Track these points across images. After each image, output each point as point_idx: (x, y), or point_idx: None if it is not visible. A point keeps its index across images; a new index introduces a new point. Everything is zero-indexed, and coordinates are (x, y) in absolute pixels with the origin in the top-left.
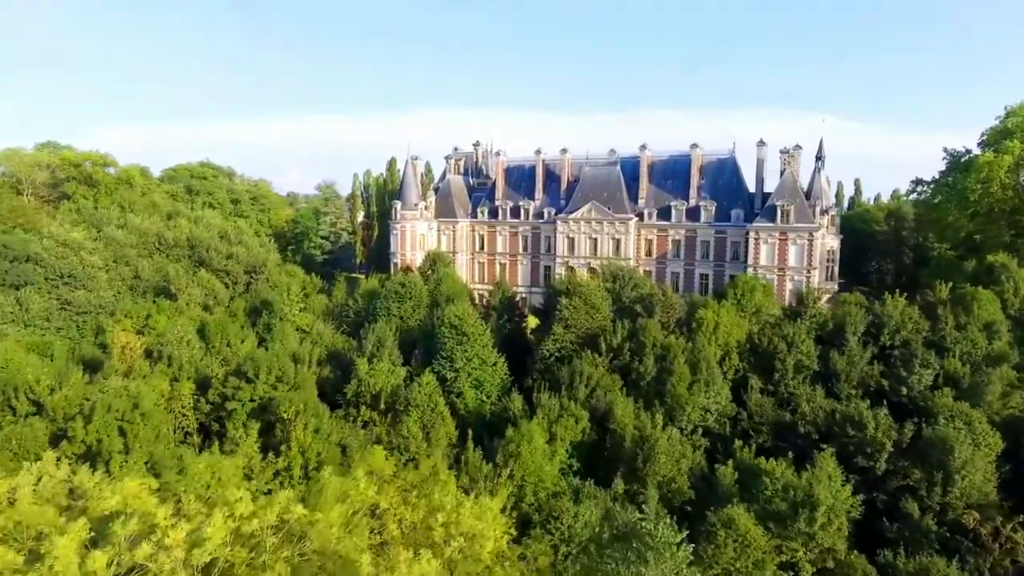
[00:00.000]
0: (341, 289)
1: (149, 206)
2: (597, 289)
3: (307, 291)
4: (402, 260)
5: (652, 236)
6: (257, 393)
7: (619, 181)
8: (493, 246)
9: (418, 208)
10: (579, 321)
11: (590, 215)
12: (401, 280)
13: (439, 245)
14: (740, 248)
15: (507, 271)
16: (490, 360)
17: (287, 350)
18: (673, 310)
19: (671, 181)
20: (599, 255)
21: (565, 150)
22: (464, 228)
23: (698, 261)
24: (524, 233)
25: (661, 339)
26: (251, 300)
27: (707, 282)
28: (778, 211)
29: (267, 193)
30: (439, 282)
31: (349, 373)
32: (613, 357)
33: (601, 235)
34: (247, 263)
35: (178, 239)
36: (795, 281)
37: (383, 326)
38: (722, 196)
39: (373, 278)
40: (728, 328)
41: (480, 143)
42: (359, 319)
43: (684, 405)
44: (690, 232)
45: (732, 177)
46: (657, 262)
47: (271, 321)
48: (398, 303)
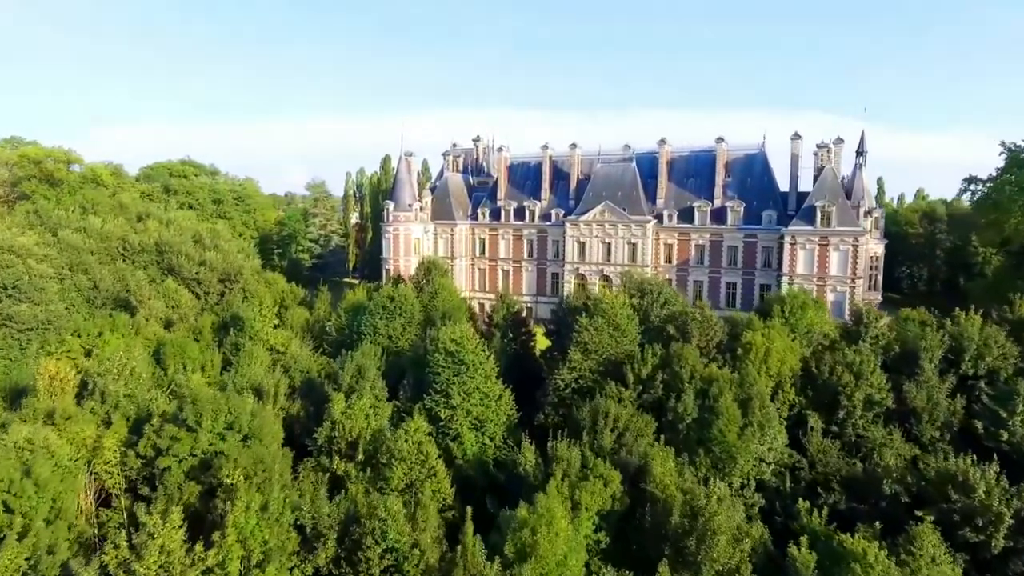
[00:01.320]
0: (324, 301)
1: (116, 207)
2: (622, 307)
3: (286, 303)
4: (394, 267)
5: (672, 240)
6: (199, 446)
7: (635, 179)
8: (495, 251)
9: (412, 209)
10: (601, 345)
11: (603, 217)
12: (389, 293)
13: (436, 250)
14: (772, 254)
15: (510, 278)
16: (494, 393)
17: (251, 379)
18: (713, 332)
19: (693, 179)
20: (613, 261)
21: (575, 145)
22: (463, 231)
23: (724, 268)
24: (529, 237)
25: (701, 369)
26: (223, 314)
27: (734, 292)
28: (818, 213)
29: (253, 193)
30: (434, 295)
31: (324, 409)
32: (643, 390)
33: (615, 239)
34: (222, 270)
35: (145, 244)
36: (837, 292)
37: (365, 351)
38: (751, 196)
39: (360, 288)
40: (781, 354)
41: (480, 138)
42: (342, 338)
43: (735, 455)
44: (715, 236)
45: (762, 175)
46: (678, 269)
47: (240, 340)
48: (386, 320)
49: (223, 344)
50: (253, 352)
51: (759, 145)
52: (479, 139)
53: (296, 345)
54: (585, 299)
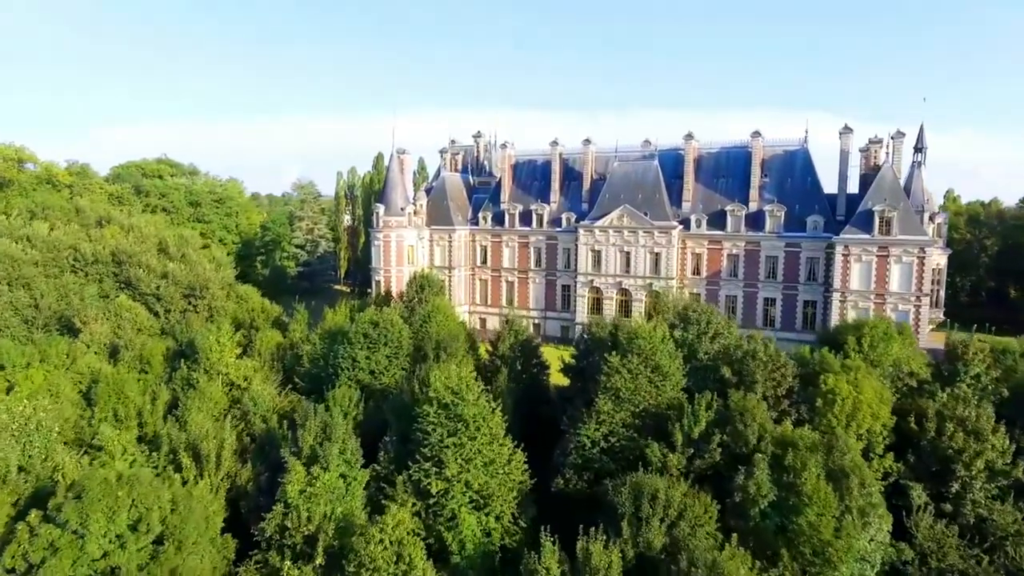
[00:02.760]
0: (301, 322)
1: (72, 211)
2: (662, 342)
3: (256, 323)
4: (385, 278)
5: (701, 249)
6: (85, 559)
7: (658, 179)
8: (498, 260)
9: (405, 213)
10: (637, 393)
11: (621, 222)
12: (372, 318)
13: (431, 259)
14: (818, 266)
15: (515, 291)
16: (501, 458)
17: (194, 433)
18: (782, 375)
19: (724, 179)
20: (633, 273)
21: (588, 141)
22: (463, 237)
23: (762, 282)
24: (537, 244)
25: (772, 428)
26: (182, 337)
27: (773, 309)
28: (875, 219)
29: (235, 194)
30: (426, 319)
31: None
32: (694, 453)
33: (635, 247)
34: (187, 284)
35: (99, 254)
36: (899, 312)
37: (338, 397)
38: (792, 199)
39: (342, 308)
40: (872, 406)
41: (482, 134)
42: (317, 370)
43: (832, 558)
44: (751, 244)
45: (805, 175)
46: (707, 283)
47: (192, 375)
48: (368, 351)
49: (173, 379)
50: (205, 392)
51: (800, 141)
52: (480, 135)
53: (261, 380)
54: (612, 328)
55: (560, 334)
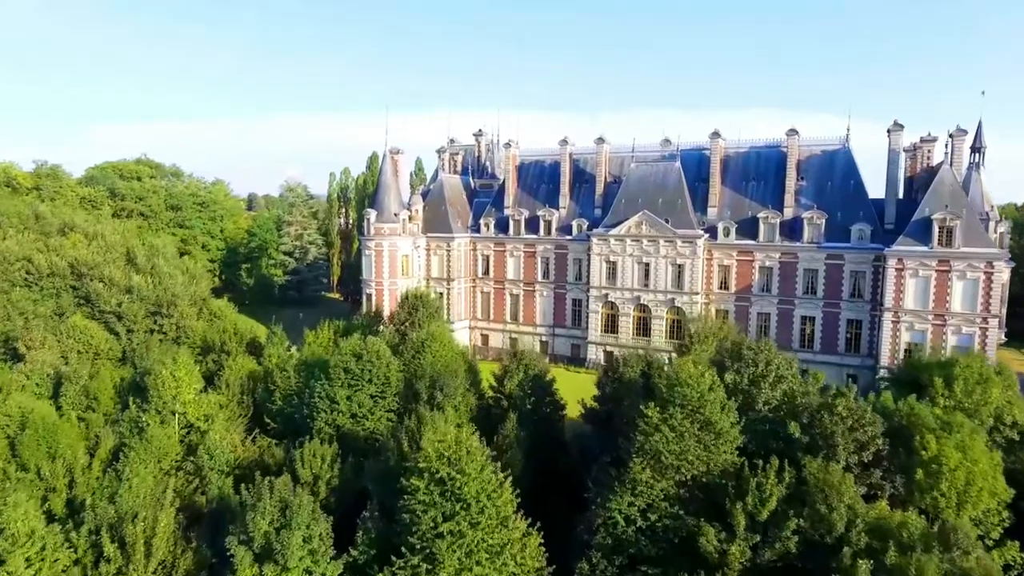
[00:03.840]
0: (279, 346)
1: (31, 218)
2: (712, 389)
3: (227, 347)
4: (377, 291)
5: (730, 261)
6: None
7: (680, 182)
8: (502, 271)
9: (399, 219)
10: (683, 458)
11: (640, 230)
12: (356, 349)
13: (428, 269)
14: (864, 280)
15: (521, 305)
16: (512, 547)
17: (129, 503)
18: (869, 437)
19: (755, 183)
20: (652, 287)
21: (602, 140)
22: (463, 246)
23: (799, 298)
24: (545, 254)
25: (864, 510)
26: (141, 365)
27: (812, 329)
28: (934, 228)
29: (220, 197)
30: (420, 349)
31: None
32: (762, 540)
33: (656, 258)
34: (154, 300)
35: (56, 266)
36: (962, 335)
37: (307, 457)
38: (834, 204)
39: (325, 329)
40: (987, 480)
41: (483, 132)
42: (291, 410)
43: None
44: (787, 255)
45: (847, 178)
46: (737, 298)
47: (141, 417)
48: (349, 389)
49: (121, 420)
50: (154, 440)
51: (842, 140)
52: (481, 133)
53: (225, 419)
54: (643, 367)
55: (570, 353)
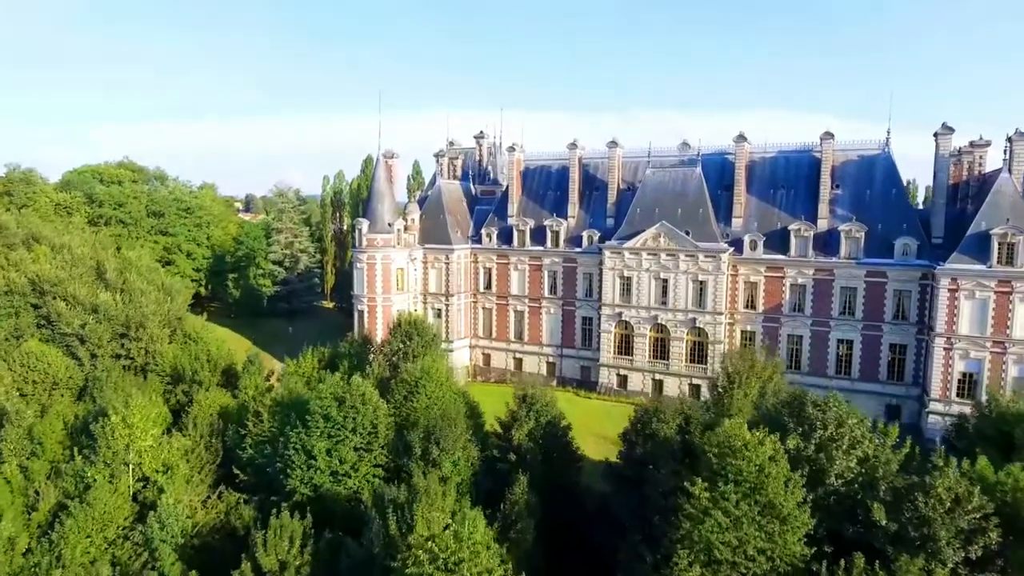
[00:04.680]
0: (256, 376)
1: None
2: (773, 460)
3: (198, 376)
4: (370, 307)
5: (757, 277)
6: None
7: (701, 190)
8: (505, 285)
9: (394, 230)
10: (742, 553)
11: (657, 243)
12: (338, 391)
13: (425, 283)
14: (909, 301)
15: (526, 323)
16: None
17: None
18: (980, 525)
19: (784, 191)
20: (671, 305)
21: (615, 143)
22: (463, 258)
23: (835, 319)
24: (552, 267)
25: None
26: (100, 399)
27: (849, 354)
28: (993, 244)
29: (206, 203)
30: (413, 390)
31: None
32: None
33: (675, 273)
34: (122, 321)
35: (14, 283)
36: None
37: (273, 543)
38: (873, 216)
39: (308, 358)
40: None
41: (485, 135)
42: (263, 461)
43: None
44: (821, 272)
45: (888, 186)
46: (765, 319)
47: (87, 472)
48: (329, 441)
49: (64, 473)
50: (97, 503)
51: (881, 144)
52: (483, 136)
53: (188, 470)
54: (681, 421)
55: (580, 375)
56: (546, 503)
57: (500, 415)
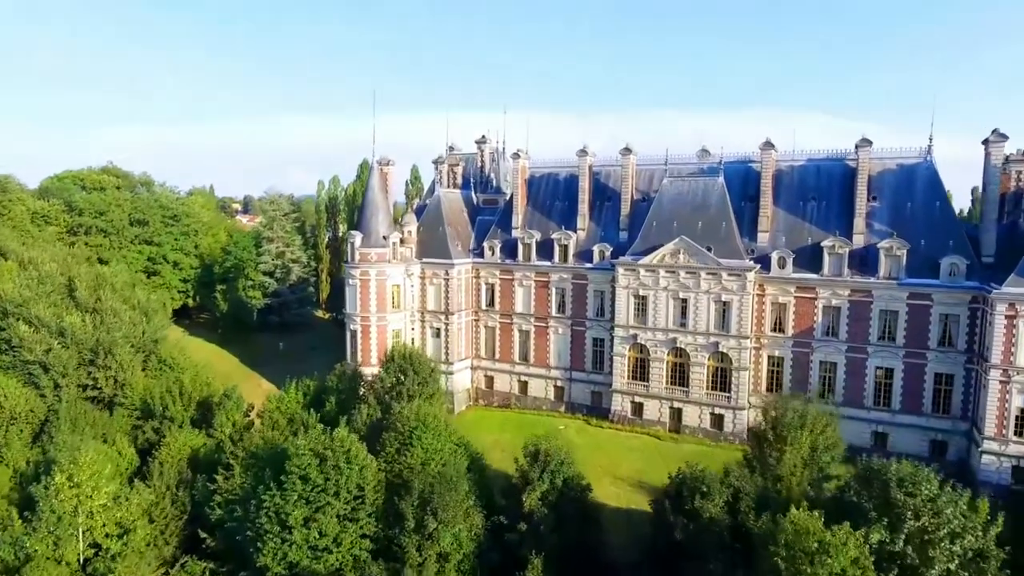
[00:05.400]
0: (233, 414)
1: None
2: (855, 565)
3: (169, 412)
4: (363, 328)
5: (786, 298)
6: None
7: (724, 202)
8: (509, 302)
9: (388, 243)
10: None
11: (676, 259)
12: (319, 446)
13: (423, 300)
14: (958, 326)
15: (531, 343)
16: None
17: None
18: None
19: (814, 203)
20: (691, 327)
21: (629, 150)
22: (463, 273)
23: (873, 345)
24: (560, 284)
25: None
26: (57, 441)
27: (888, 384)
28: None
29: (195, 210)
30: (407, 441)
31: None
32: None
33: (695, 293)
34: (91, 345)
35: None
36: None
37: None
38: (915, 231)
39: (291, 394)
40: None
41: (487, 139)
42: (232, 525)
43: None
44: (858, 293)
45: (931, 198)
46: (795, 343)
47: (26, 543)
48: (307, 507)
49: (2, 539)
50: None
51: (922, 152)
52: (485, 140)
53: (147, 533)
54: (729, 496)
55: (590, 401)
56: None
57: (504, 445)
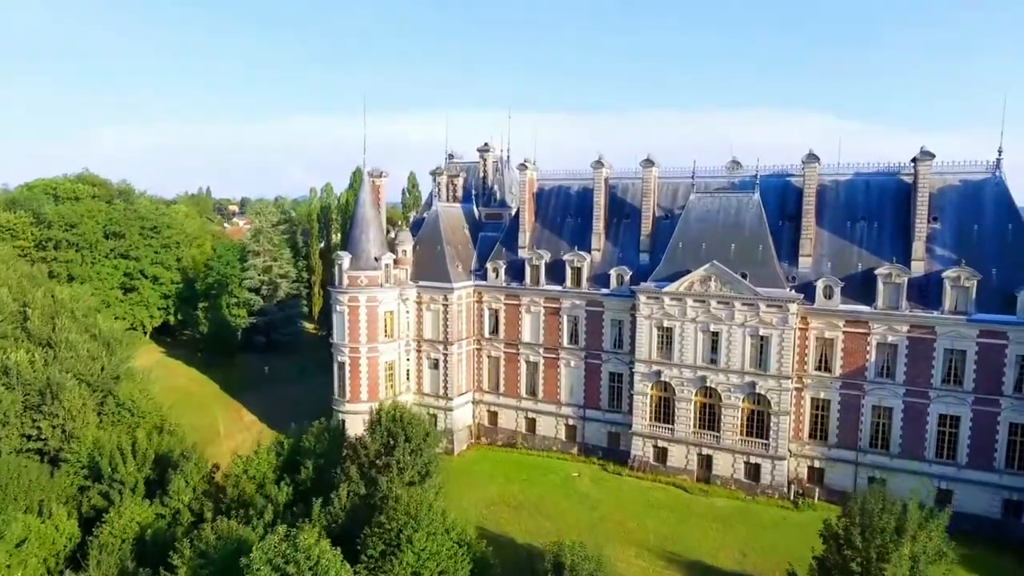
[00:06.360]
0: (194, 477)
1: None
2: None
3: (118, 474)
4: (352, 360)
5: (833, 333)
6: None
7: (760, 222)
8: (515, 330)
9: (381, 265)
10: None
11: (707, 287)
12: (275, 555)
13: (420, 328)
14: None
15: (540, 376)
16: None
17: None
18: None
19: (864, 223)
20: (724, 364)
21: (651, 161)
22: (464, 298)
23: (936, 389)
24: (572, 311)
25: None
26: None
27: (955, 433)
28: None
29: (179, 219)
30: (395, 540)
31: None
32: None
33: (728, 325)
34: (40, 387)
35: None
36: None
37: None
38: (984, 258)
39: (262, 455)
40: None
41: (490, 148)
42: None
43: None
44: (919, 329)
45: (1002, 220)
46: (843, 384)
47: None
48: None
49: None
50: None
51: (989, 166)
52: (488, 148)
53: None
54: None
55: (606, 443)
56: None
57: (512, 500)
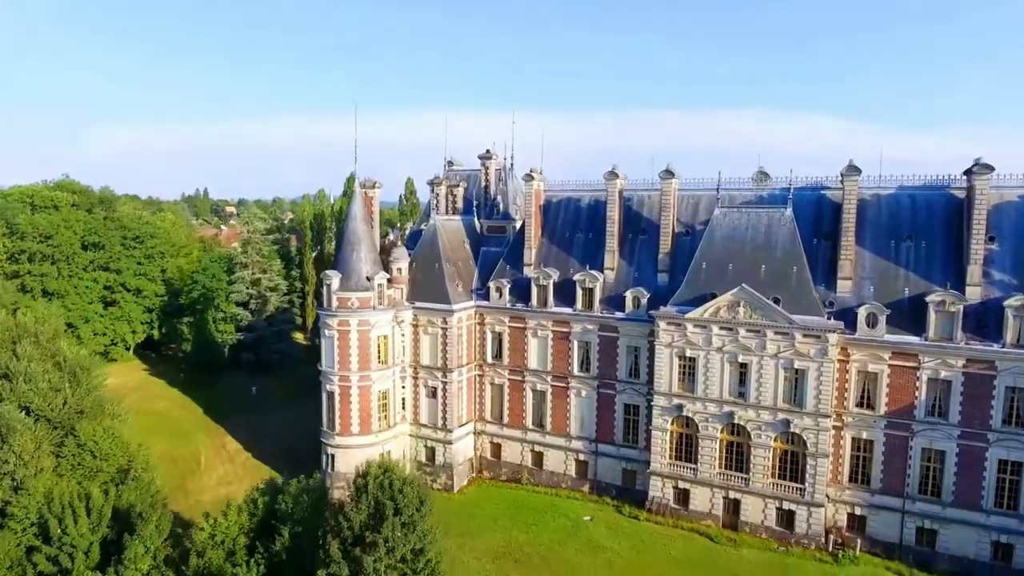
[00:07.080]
0: (154, 543)
1: None
2: None
3: (69, 538)
4: (342, 389)
5: (878, 366)
6: None
7: (794, 242)
8: (521, 356)
9: (374, 284)
10: None
11: (735, 313)
12: None
13: (416, 353)
14: None
15: (548, 406)
16: None
17: None
18: None
19: (910, 244)
20: (754, 400)
21: (670, 172)
22: (465, 320)
23: (996, 432)
24: (583, 336)
25: None
26: None
27: (1018, 481)
28: None
29: (166, 227)
30: None
31: None
32: None
33: (759, 356)
34: None
35: None
36: None
37: None
38: None
39: (232, 515)
40: None
41: (492, 155)
42: None
43: None
44: (976, 364)
45: None
46: (888, 424)
47: None
48: None
49: None
50: None
51: None
52: (490, 156)
53: None
54: None
55: (621, 481)
56: None
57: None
